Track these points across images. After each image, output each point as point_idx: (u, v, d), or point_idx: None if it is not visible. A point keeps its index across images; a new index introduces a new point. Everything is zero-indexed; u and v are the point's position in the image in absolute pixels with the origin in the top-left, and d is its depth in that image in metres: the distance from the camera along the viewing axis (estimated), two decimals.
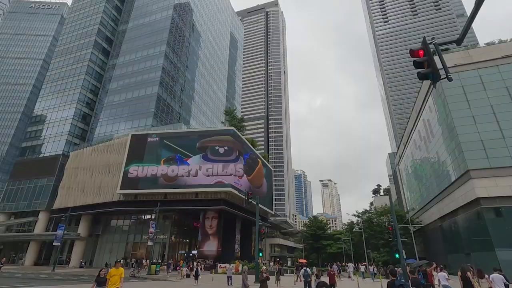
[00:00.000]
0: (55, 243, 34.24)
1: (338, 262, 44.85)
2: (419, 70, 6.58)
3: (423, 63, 6.54)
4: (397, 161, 68.12)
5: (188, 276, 26.19)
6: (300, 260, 40.46)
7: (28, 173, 54.28)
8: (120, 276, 9.30)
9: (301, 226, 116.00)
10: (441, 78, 6.29)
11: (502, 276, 10.75)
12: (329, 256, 65.14)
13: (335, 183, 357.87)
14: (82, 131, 58.66)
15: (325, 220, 79.07)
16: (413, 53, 6.67)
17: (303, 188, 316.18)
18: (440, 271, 14.91)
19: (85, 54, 63.29)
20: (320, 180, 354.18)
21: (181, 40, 66.62)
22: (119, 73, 62.42)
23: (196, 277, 21.10)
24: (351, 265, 34.33)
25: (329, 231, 71.42)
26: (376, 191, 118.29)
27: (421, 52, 6.58)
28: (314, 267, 30.88)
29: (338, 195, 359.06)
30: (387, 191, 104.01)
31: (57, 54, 69.00)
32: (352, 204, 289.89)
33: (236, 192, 38.21)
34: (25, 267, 42.57)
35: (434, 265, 15.70)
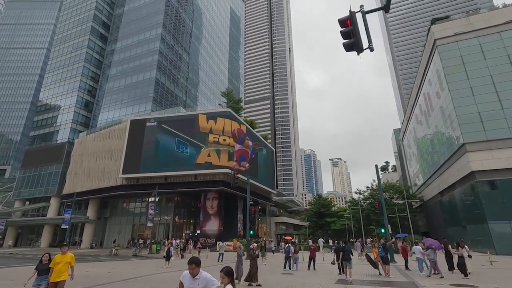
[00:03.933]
0: (63, 226, 36.18)
1: (360, 239, 43.37)
2: (344, 41, 6.27)
3: (349, 33, 6.21)
4: (401, 137, 66.84)
5: (182, 256, 26.86)
6: (286, 237, 42.89)
7: (38, 161, 56.38)
8: (68, 264, 7.03)
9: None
10: (364, 48, 5.98)
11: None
12: (334, 232, 66.12)
13: (345, 161, 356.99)
14: (85, 118, 59.81)
15: (329, 198, 79.52)
16: (341, 23, 6.32)
17: (312, 167, 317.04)
18: (417, 245, 15.05)
19: (83, 41, 63.18)
20: (330, 159, 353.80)
21: (178, 22, 65.32)
22: (118, 59, 62.31)
23: (168, 258, 18.85)
24: (321, 240, 38.72)
25: (333, 209, 71.91)
26: (384, 168, 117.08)
27: (348, 22, 6.23)
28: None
29: (348, 173, 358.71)
30: (394, 168, 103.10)
31: (56, 42, 69.18)
32: (366, 181, 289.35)
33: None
34: (40, 249, 45.23)
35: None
